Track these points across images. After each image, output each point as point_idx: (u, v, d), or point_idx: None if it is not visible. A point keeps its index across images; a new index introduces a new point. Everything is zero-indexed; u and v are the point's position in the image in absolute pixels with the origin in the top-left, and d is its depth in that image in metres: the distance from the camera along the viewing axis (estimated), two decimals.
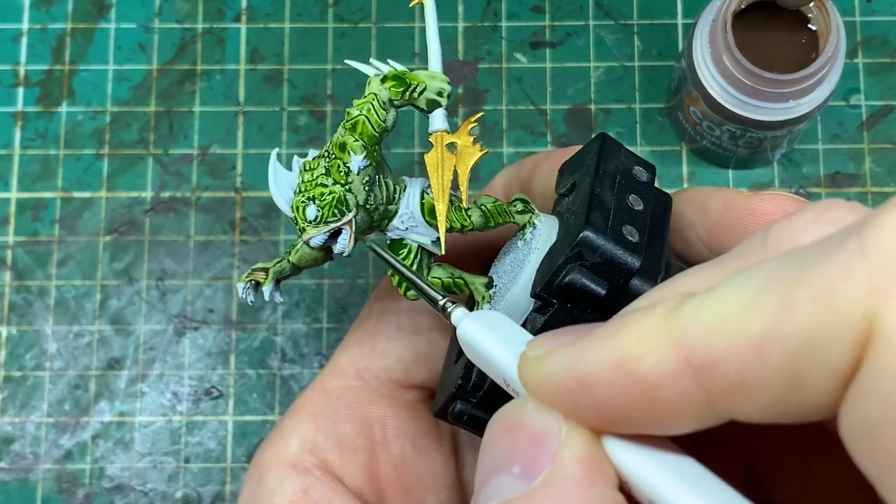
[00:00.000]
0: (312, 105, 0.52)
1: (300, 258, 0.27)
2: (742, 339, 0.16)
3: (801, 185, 0.50)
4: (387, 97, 0.27)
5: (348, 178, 0.26)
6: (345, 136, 0.26)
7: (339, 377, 0.32)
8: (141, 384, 0.49)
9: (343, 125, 0.27)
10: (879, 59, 0.51)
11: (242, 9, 0.53)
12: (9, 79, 0.52)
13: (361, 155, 0.26)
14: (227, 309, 0.50)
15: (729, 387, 0.17)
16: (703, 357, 0.17)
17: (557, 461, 0.18)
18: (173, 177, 0.51)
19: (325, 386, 0.32)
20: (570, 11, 0.52)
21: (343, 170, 0.26)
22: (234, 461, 0.48)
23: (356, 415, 0.31)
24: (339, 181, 0.26)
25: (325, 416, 0.31)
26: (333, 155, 0.26)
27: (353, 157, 0.26)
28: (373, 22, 0.53)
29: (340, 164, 0.26)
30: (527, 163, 0.32)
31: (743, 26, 0.44)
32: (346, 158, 0.26)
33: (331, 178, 0.26)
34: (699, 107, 0.46)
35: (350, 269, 0.50)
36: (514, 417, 0.20)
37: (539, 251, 0.27)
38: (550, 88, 0.52)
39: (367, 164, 0.26)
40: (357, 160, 0.26)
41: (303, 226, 0.26)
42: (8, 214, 0.51)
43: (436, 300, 0.24)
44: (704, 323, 0.17)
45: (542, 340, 0.20)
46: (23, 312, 0.50)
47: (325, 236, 0.26)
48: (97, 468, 0.48)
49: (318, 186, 0.26)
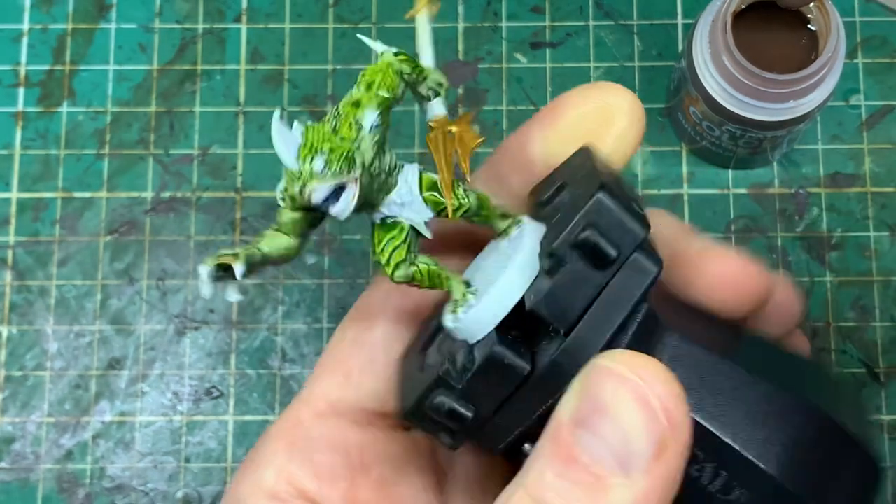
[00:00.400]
0: (313, 105, 0.52)
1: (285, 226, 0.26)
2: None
3: (801, 185, 0.50)
4: (399, 68, 0.26)
5: (359, 135, 0.25)
6: (359, 94, 0.26)
7: (311, 408, 0.31)
8: (141, 384, 0.49)
9: (356, 86, 0.26)
10: (879, 60, 0.51)
11: (243, 9, 0.53)
12: (9, 79, 0.52)
13: (377, 112, 0.25)
14: (227, 309, 0.50)
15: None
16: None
17: None
18: (174, 177, 0.51)
19: (298, 416, 0.31)
20: (570, 12, 0.52)
21: (355, 126, 0.25)
22: (234, 461, 0.48)
23: (333, 443, 0.30)
24: (348, 137, 0.25)
25: (299, 447, 0.30)
26: (344, 113, 0.25)
27: (367, 112, 0.25)
28: (373, 22, 0.53)
29: (352, 121, 0.25)
30: (510, 140, 0.31)
31: (743, 26, 0.44)
32: (358, 114, 0.25)
33: (339, 135, 0.25)
34: (699, 107, 0.46)
35: (350, 269, 0.50)
36: None
37: (525, 250, 0.27)
38: (550, 88, 0.52)
39: (379, 124, 0.25)
40: (371, 116, 0.25)
41: (306, 178, 0.25)
42: (9, 214, 0.51)
43: None
44: None
45: None
46: (23, 312, 0.50)
47: (330, 190, 0.24)
48: (98, 468, 0.48)
49: (326, 141, 0.25)
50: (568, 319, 0.25)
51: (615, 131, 0.29)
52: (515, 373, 0.26)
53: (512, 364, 0.25)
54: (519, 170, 0.30)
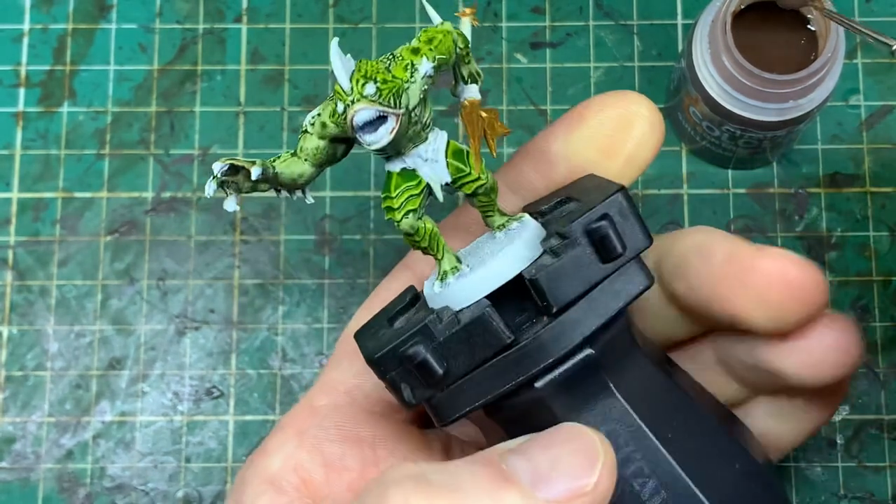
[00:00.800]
0: (313, 105, 0.52)
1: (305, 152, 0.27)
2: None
3: (801, 185, 0.50)
4: (455, 38, 0.27)
5: (411, 78, 0.26)
6: (419, 44, 0.26)
7: (328, 394, 0.31)
8: (142, 384, 0.49)
9: (416, 39, 0.27)
10: (879, 60, 0.52)
11: (243, 9, 0.53)
12: (10, 79, 0.52)
13: (432, 64, 0.26)
14: (227, 309, 0.50)
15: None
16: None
17: None
18: (174, 177, 0.51)
19: (313, 403, 0.31)
20: (570, 12, 0.52)
21: (410, 69, 0.26)
22: (235, 461, 0.48)
23: (345, 434, 0.30)
24: (400, 77, 0.25)
25: (311, 435, 0.30)
26: (401, 57, 0.26)
27: (423, 60, 0.26)
28: (373, 22, 0.53)
29: (408, 64, 0.26)
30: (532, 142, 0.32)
31: (743, 27, 0.44)
32: (416, 60, 0.26)
33: (392, 73, 0.26)
34: (699, 107, 0.46)
35: (350, 269, 0.50)
36: None
37: (520, 242, 0.27)
38: (551, 89, 0.52)
39: (431, 75, 0.26)
40: (427, 65, 0.26)
41: (355, 97, 0.25)
42: (9, 214, 0.51)
43: None
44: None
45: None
46: (24, 312, 0.50)
47: (373, 115, 0.25)
48: (98, 468, 0.48)
49: (380, 73, 0.25)
50: (563, 299, 0.26)
51: (636, 135, 0.30)
52: (498, 338, 0.26)
53: (497, 329, 0.26)
54: (539, 168, 0.31)
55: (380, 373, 0.27)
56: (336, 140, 0.27)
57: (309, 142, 0.27)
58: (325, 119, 0.27)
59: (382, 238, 0.50)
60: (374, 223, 0.50)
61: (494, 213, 0.29)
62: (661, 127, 0.30)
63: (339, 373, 0.31)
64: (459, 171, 0.28)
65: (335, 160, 0.28)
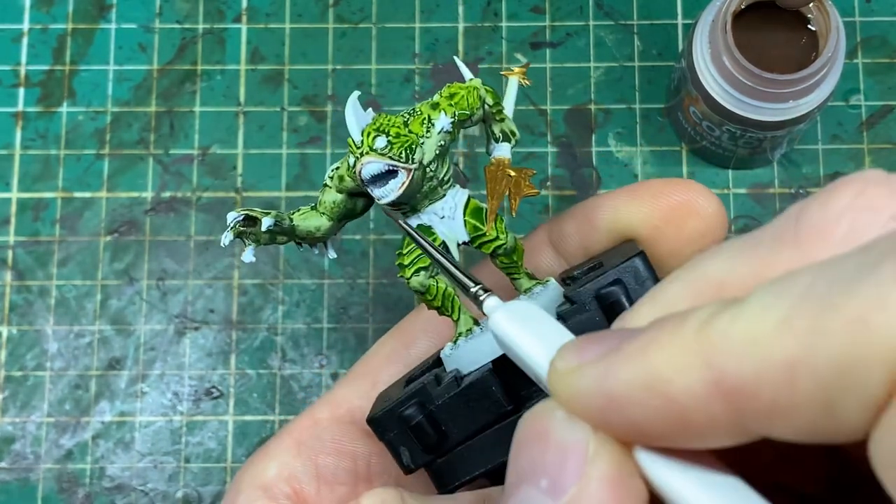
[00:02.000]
0: (313, 105, 0.52)
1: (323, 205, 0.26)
2: (773, 364, 0.16)
3: (801, 185, 0.50)
4: (482, 95, 0.27)
5: (427, 133, 0.26)
6: (439, 99, 0.26)
7: (332, 409, 0.31)
8: (141, 384, 0.49)
9: (438, 94, 0.27)
10: (879, 60, 0.51)
11: (243, 9, 0.53)
12: (9, 79, 0.52)
13: (451, 119, 0.26)
14: (227, 309, 0.50)
15: (761, 411, 0.16)
16: (732, 381, 0.16)
17: (585, 479, 0.18)
18: (174, 177, 0.51)
19: (316, 415, 0.31)
20: (570, 12, 0.52)
21: (426, 124, 0.26)
22: (234, 461, 0.48)
23: (341, 449, 0.31)
24: (416, 132, 0.25)
25: (308, 446, 0.30)
26: (419, 112, 0.26)
27: (441, 116, 0.26)
28: (373, 22, 0.53)
29: (426, 119, 0.26)
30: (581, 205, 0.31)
31: (743, 26, 0.44)
32: (434, 115, 0.26)
33: (409, 127, 0.25)
34: (699, 107, 0.46)
35: (350, 269, 0.50)
36: (544, 424, 0.19)
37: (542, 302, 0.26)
38: (550, 88, 0.52)
39: (449, 131, 0.26)
40: (445, 121, 0.26)
41: (364, 150, 0.25)
42: (9, 214, 0.51)
43: (468, 286, 0.23)
44: (735, 344, 0.16)
45: (570, 352, 0.19)
46: (23, 312, 0.50)
47: (381, 169, 0.25)
48: (98, 468, 0.48)
49: (394, 127, 0.25)
50: None
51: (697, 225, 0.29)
52: (497, 404, 0.25)
53: (497, 396, 0.25)
54: (581, 230, 0.31)
55: (378, 434, 0.27)
56: (354, 194, 0.27)
57: (328, 195, 0.27)
58: (342, 173, 0.26)
59: (382, 238, 0.50)
60: (373, 223, 0.50)
61: (521, 276, 0.28)
62: (722, 222, 0.30)
63: (346, 391, 0.32)
64: (477, 230, 0.27)
65: (355, 214, 0.28)
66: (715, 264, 0.20)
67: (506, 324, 0.21)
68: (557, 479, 0.18)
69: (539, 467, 0.19)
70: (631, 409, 0.18)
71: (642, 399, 0.17)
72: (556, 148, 0.51)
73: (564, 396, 0.19)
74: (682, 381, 0.17)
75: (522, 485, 0.19)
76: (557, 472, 0.18)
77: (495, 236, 0.27)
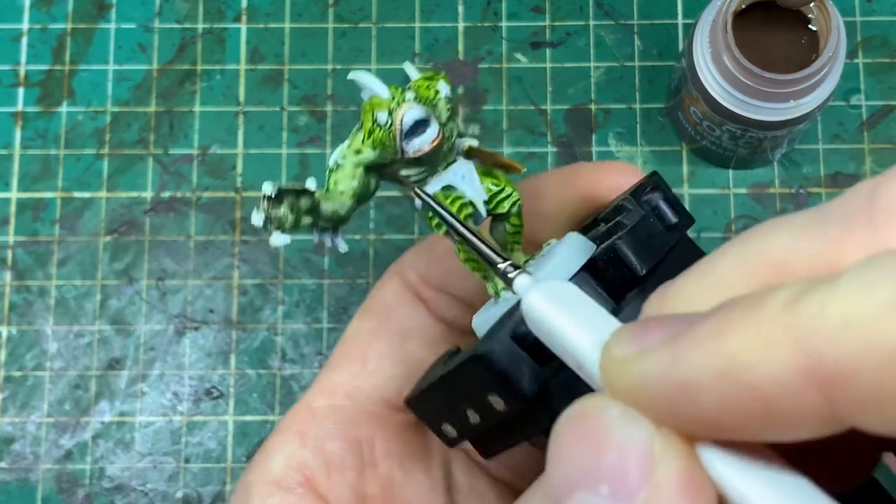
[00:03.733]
0: (313, 105, 0.52)
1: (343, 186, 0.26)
2: (877, 349, 0.14)
3: (802, 185, 0.50)
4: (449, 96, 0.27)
5: (437, 96, 0.26)
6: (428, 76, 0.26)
7: (327, 396, 0.31)
8: (141, 384, 0.49)
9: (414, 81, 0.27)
10: (879, 59, 0.51)
11: (242, 9, 0.53)
12: (9, 79, 0.52)
13: (448, 86, 0.26)
14: (227, 309, 0.50)
15: (859, 400, 0.15)
16: (831, 367, 0.15)
17: (654, 482, 0.16)
18: (173, 177, 0.51)
19: (312, 405, 0.31)
20: (570, 11, 0.52)
21: (433, 90, 0.26)
22: (234, 461, 0.48)
23: (345, 434, 0.30)
24: (427, 96, 0.25)
25: (312, 435, 0.30)
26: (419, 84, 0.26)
27: (440, 83, 0.26)
28: (373, 22, 0.53)
29: (431, 85, 0.26)
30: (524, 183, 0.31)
31: (743, 26, 0.44)
32: (433, 84, 0.26)
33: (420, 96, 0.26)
34: (699, 107, 0.46)
35: (350, 269, 0.50)
36: (597, 423, 0.17)
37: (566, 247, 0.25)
38: (551, 88, 0.52)
39: (452, 97, 0.26)
40: (445, 87, 0.26)
41: (399, 100, 0.25)
42: (8, 214, 0.51)
43: (495, 262, 0.22)
44: (831, 327, 0.15)
45: (627, 337, 0.17)
46: (23, 312, 0.50)
47: (424, 114, 0.25)
48: (97, 468, 0.48)
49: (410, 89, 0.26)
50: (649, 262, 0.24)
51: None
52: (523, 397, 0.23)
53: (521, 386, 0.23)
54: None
55: (419, 413, 0.26)
56: (369, 169, 0.27)
57: (342, 174, 0.26)
58: (357, 146, 0.26)
59: (382, 238, 0.50)
60: (373, 223, 0.50)
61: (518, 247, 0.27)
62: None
63: (338, 375, 0.31)
64: (495, 185, 0.27)
65: (368, 194, 0.27)
66: (774, 241, 0.18)
67: (542, 305, 0.19)
68: (621, 484, 0.17)
69: (595, 472, 0.17)
70: (704, 401, 0.16)
71: (718, 388, 0.16)
72: (556, 148, 0.51)
73: (622, 387, 0.17)
74: (768, 368, 0.15)
75: (576, 492, 0.17)
76: (619, 477, 0.17)
77: (512, 191, 0.27)
